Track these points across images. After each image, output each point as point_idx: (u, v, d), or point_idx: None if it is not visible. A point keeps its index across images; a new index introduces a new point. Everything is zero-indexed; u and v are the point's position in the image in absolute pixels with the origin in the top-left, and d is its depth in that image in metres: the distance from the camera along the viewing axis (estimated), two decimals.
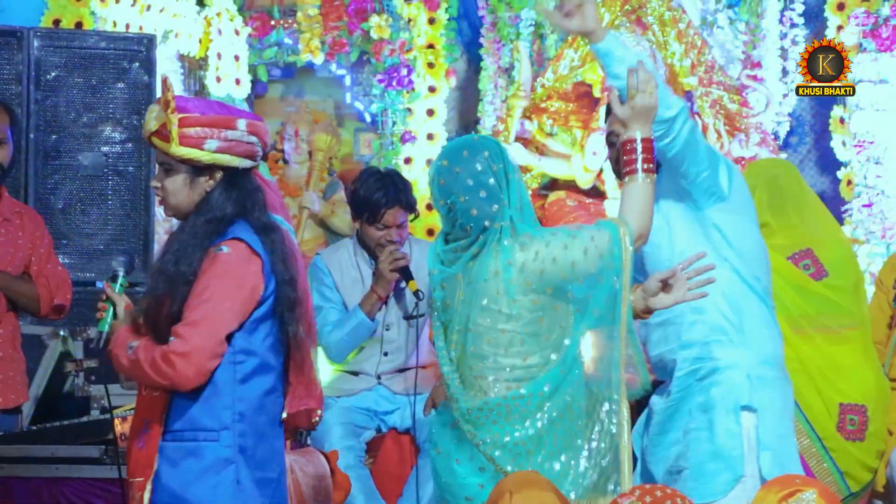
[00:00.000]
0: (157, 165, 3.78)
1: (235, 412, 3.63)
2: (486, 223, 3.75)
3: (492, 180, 3.75)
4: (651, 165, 3.84)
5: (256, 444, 3.65)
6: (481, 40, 8.29)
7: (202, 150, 3.65)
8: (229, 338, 3.61)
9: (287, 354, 3.75)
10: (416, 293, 5.39)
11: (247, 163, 3.73)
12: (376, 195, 5.48)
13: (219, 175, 3.70)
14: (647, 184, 3.84)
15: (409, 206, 5.56)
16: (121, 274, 3.81)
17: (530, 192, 6.81)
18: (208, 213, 3.68)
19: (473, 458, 3.74)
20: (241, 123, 3.70)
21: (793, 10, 7.87)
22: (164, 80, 3.68)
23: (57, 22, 6.99)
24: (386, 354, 5.61)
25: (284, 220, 3.81)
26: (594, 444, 3.70)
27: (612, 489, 3.68)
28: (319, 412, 3.83)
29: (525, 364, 3.73)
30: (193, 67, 7.88)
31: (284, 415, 3.73)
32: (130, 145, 6.38)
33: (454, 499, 3.77)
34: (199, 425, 3.62)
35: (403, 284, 5.49)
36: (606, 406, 3.72)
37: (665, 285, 3.87)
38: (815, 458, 4.93)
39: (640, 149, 3.84)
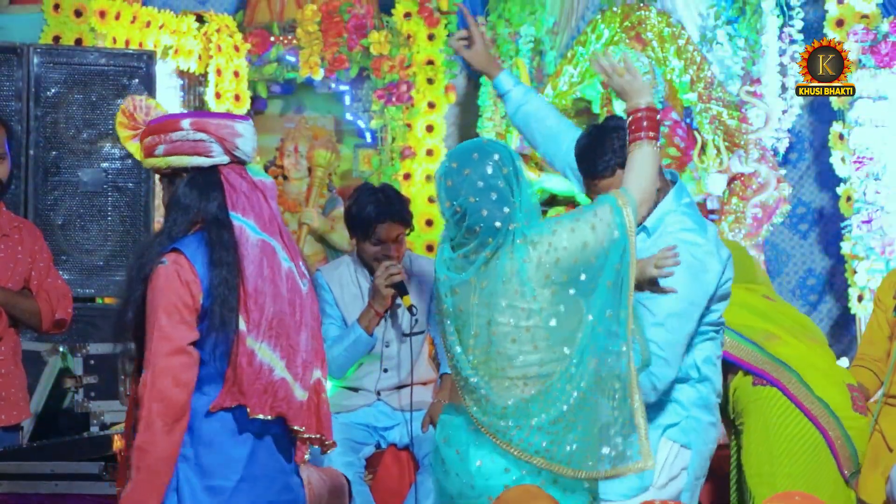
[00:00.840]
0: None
1: None
2: (497, 224, 3.77)
3: (501, 183, 3.79)
4: (655, 134, 3.96)
5: (203, 452, 3.67)
6: None
7: (154, 156, 3.72)
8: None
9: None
10: (409, 308, 5.40)
11: (199, 160, 3.74)
12: (368, 210, 5.50)
13: (186, 175, 3.76)
14: (651, 150, 3.95)
15: (404, 220, 5.56)
16: None
17: None
18: (170, 213, 3.76)
19: (496, 461, 3.76)
20: (185, 122, 3.72)
21: (792, 26, 7.89)
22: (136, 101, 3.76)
23: (57, 38, 7.02)
24: (385, 371, 5.62)
25: (241, 217, 3.75)
26: (613, 419, 3.75)
27: (630, 455, 3.74)
28: (250, 410, 3.70)
29: (555, 356, 3.76)
30: (193, 83, 7.90)
31: (211, 406, 3.70)
32: (130, 161, 6.40)
33: (475, 499, 3.78)
34: None
35: (399, 300, 5.50)
36: (618, 383, 3.76)
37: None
38: (839, 440, 4.98)
39: (644, 117, 3.97)
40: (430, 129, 8.26)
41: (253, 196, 3.79)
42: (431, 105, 8.26)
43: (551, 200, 8.00)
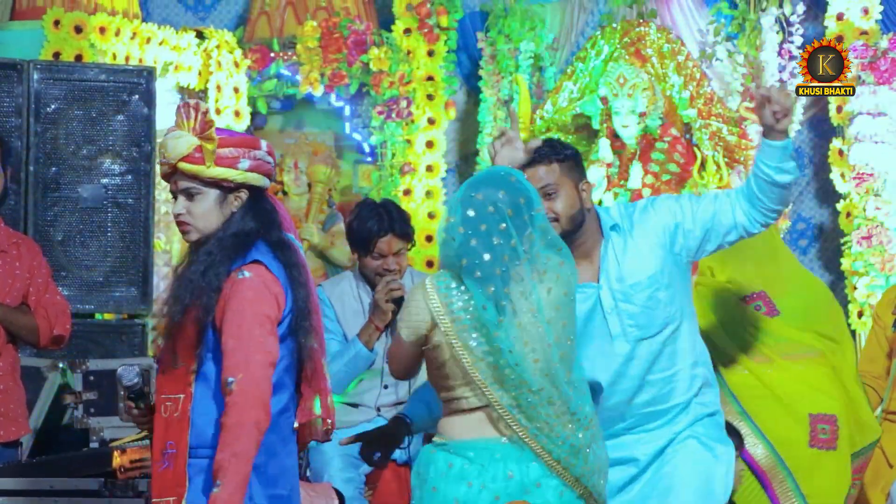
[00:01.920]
0: (176, 195, 3.80)
1: None
2: (487, 256, 3.76)
3: (504, 225, 3.77)
4: None
5: (267, 461, 3.70)
6: (480, 72, 8.32)
7: (236, 169, 3.75)
8: None
9: (300, 370, 3.82)
10: None
11: (267, 182, 3.85)
12: (369, 224, 5.51)
13: (244, 195, 3.79)
14: None
15: (405, 234, 5.56)
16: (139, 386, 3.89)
17: None
18: (233, 227, 3.78)
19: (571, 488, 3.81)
20: (263, 144, 3.83)
21: (791, 42, 7.91)
22: (197, 105, 3.77)
23: (57, 55, 7.04)
24: (386, 387, 5.60)
25: (295, 238, 3.91)
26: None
27: None
28: (330, 421, 3.87)
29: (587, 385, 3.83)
30: (193, 99, 7.92)
31: (296, 424, 3.80)
32: (130, 177, 6.41)
33: None
34: (214, 443, 3.63)
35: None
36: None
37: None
38: (778, 480, 4.91)
39: None
40: (429, 144, 8.28)
41: (287, 217, 3.94)
42: (431, 121, 8.29)
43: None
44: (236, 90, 8.04)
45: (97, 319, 6.60)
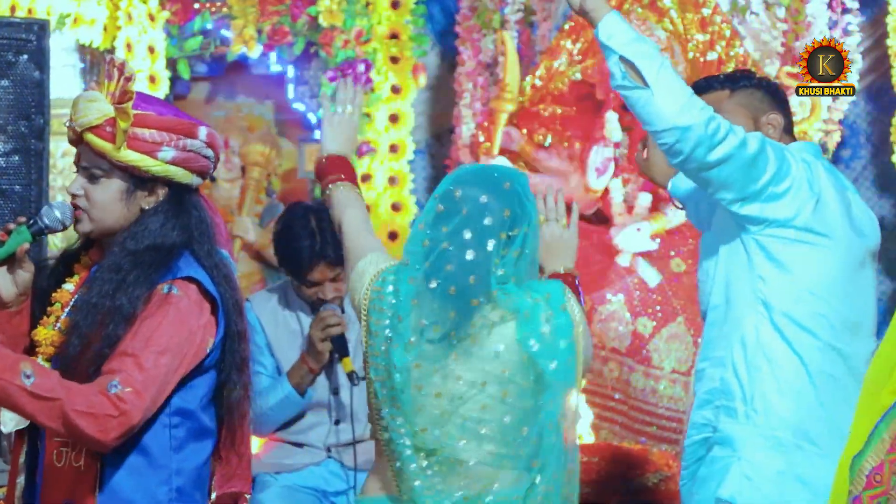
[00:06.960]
0: (80, 168, 3.73)
1: (172, 488, 3.61)
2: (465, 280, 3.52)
3: (492, 242, 3.52)
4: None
5: None
6: (457, 29, 8.32)
7: (155, 158, 3.66)
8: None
9: (220, 419, 3.75)
10: (350, 375, 5.36)
11: (197, 180, 3.76)
12: (302, 245, 5.46)
13: (161, 192, 3.71)
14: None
15: (340, 259, 5.51)
16: (42, 224, 3.70)
17: None
18: (149, 237, 3.68)
19: None
20: (202, 132, 3.72)
21: None
22: (122, 67, 3.65)
23: None
24: (338, 423, 5.59)
25: (230, 257, 3.81)
26: None
27: None
28: (248, 496, 3.79)
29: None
30: (97, 61, 7.86)
31: (213, 496, 3.79)
32: (17, 158, 6.32)
33: None
34: None
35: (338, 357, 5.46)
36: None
37: None
38: None
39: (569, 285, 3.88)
40: (394, 119, 8.31)
41: (222, 226, 3.95)
42: (396, 90, 8.33)
43: None
44: (151, 50, 7.99)
45: None
